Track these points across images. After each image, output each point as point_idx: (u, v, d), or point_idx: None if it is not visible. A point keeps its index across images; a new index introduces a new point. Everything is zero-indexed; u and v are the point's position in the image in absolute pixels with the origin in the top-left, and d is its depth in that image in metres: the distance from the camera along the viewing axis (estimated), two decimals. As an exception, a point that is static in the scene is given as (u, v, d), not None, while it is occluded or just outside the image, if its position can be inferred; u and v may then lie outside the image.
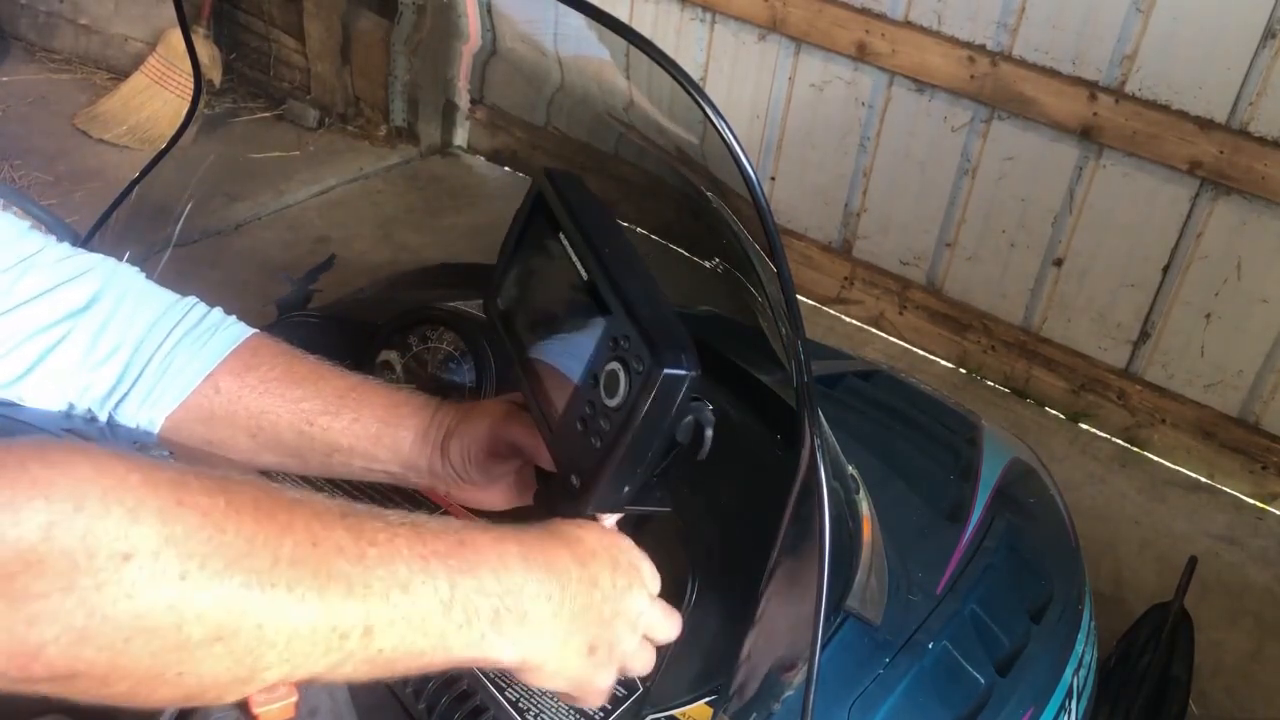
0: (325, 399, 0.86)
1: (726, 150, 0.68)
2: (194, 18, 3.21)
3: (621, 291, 0.70)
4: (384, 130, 3.68)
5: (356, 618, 0.58)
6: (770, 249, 0.73)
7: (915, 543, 1.12)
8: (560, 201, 0.78)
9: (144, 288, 0.87)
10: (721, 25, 3.00)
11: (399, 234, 3.25)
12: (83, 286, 0.82)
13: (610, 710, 0.87)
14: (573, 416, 0.73)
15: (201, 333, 0.86)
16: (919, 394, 1.49)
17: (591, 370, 0.72)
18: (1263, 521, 2.55)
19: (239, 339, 0.87)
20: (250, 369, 0.86)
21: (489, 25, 1.22)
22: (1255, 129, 2.31)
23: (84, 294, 0.82)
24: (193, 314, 0.87)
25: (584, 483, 0.72)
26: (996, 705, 1.00)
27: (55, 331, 0.80)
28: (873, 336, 3.04)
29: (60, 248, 0.83)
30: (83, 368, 0.82)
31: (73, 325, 0.81)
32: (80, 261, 0.83)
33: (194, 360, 0.85)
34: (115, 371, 0.83)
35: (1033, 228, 2.71)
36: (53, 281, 0.81)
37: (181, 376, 0.84)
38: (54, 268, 0.81)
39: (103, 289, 0.83)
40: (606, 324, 0.71)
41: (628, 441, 0.69)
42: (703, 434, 0.71)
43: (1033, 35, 2.51)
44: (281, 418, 0.85)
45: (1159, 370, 2.66)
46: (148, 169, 1.25)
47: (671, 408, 0.69)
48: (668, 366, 0.67)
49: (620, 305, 0.70)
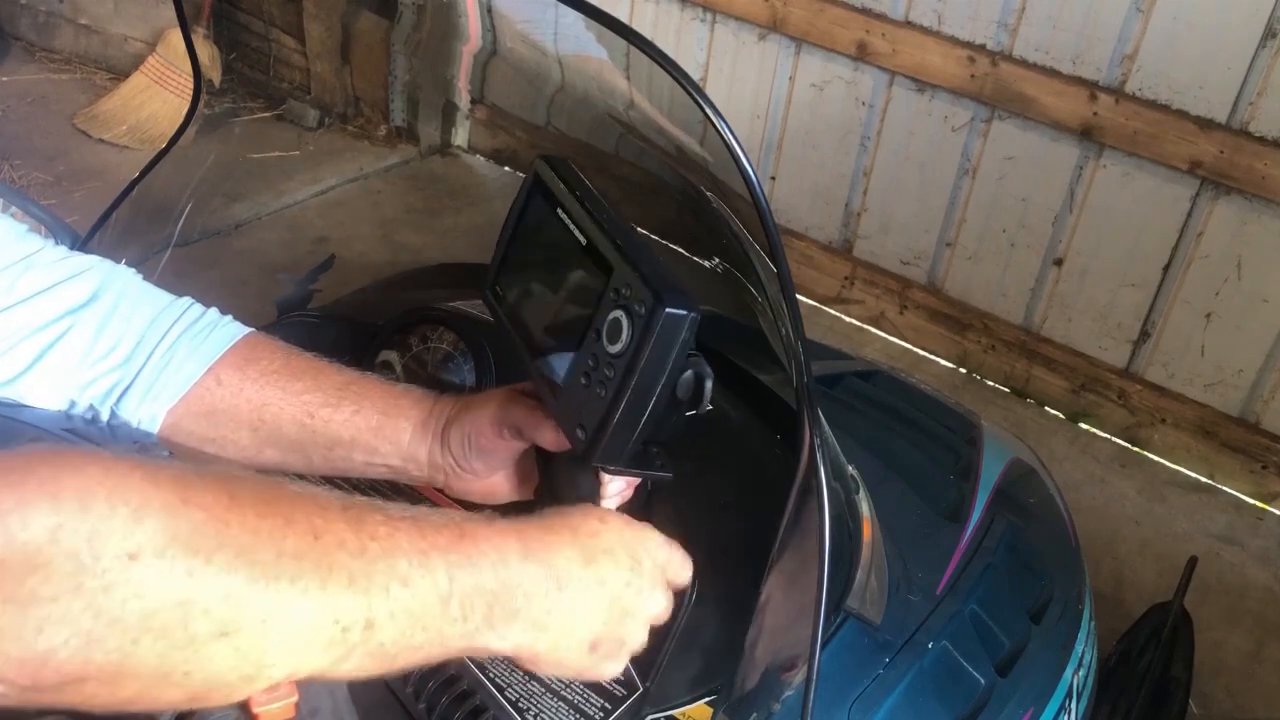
0: (325, 392, 0.86)
1: (726, 150, 0.68)
2: (194, 18, 3.21)
3: (622, 249, 0.73)
4: (384, 130, 3.68)
5: (358, 611, 0.59)
6: (770, 249, 0.73)
7: (915, 543, 1.11)
8: (558, 180, 0.80)
9: (142, 286, 0.88)
10: (722, 25, 3.00)
11: (399, 234, 3.25)
12: (82, 284, 0.83)
13: (610, 710, 0.87)
14: (576, 375, 0.75)
15: (201, 329, 0.87)
16: (919, 394, 1.49)
17: (594, 326, 0.73)
18: (1263, 521, 2.55)
19: (237, 335, 0.88)
20: (250, 363, 0.86)
21: (489, 25, 1.22)
22: (1255, 129, 2.31)
23: (84, 291, 0.83)
24: (191, 312, 0.88)
25: (590, 433, 0.73)
26: (996, 705, 1.00)
27: (55, 328, 0.81)
28: (873, 336, 3.04)
29: (58, 249, 0.84)
30: (84, 364, 0.83)
31: (73, 322, 0.82)
32: (79, 261, 0.84)
33: (195, 354, 0.85)
34: (116, 367, 0.84)
35: (1033, 227, 2.71)
36: (52, 280, 0.81)
37: (183, 370, 0.85)
38: (53, 267, 0.82)
39: (102, 286, 0.84)
40: (608, 280, 0.73)
41: (633, 384, 0.70)
42: (703, 387, 0.73)
43: (1033, 35, 2.51)
44: (284, 410, 0.86)
45: (1159, 370, 2.66)
46: (148, 169, 1.25)
47: (674, 348, 0.70)
48: (669, 306, 0.69)
49: (622, 260, 0.72)
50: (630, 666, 0.88)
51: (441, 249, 3.17)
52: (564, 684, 0.87)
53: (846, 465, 1.01)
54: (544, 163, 0.82)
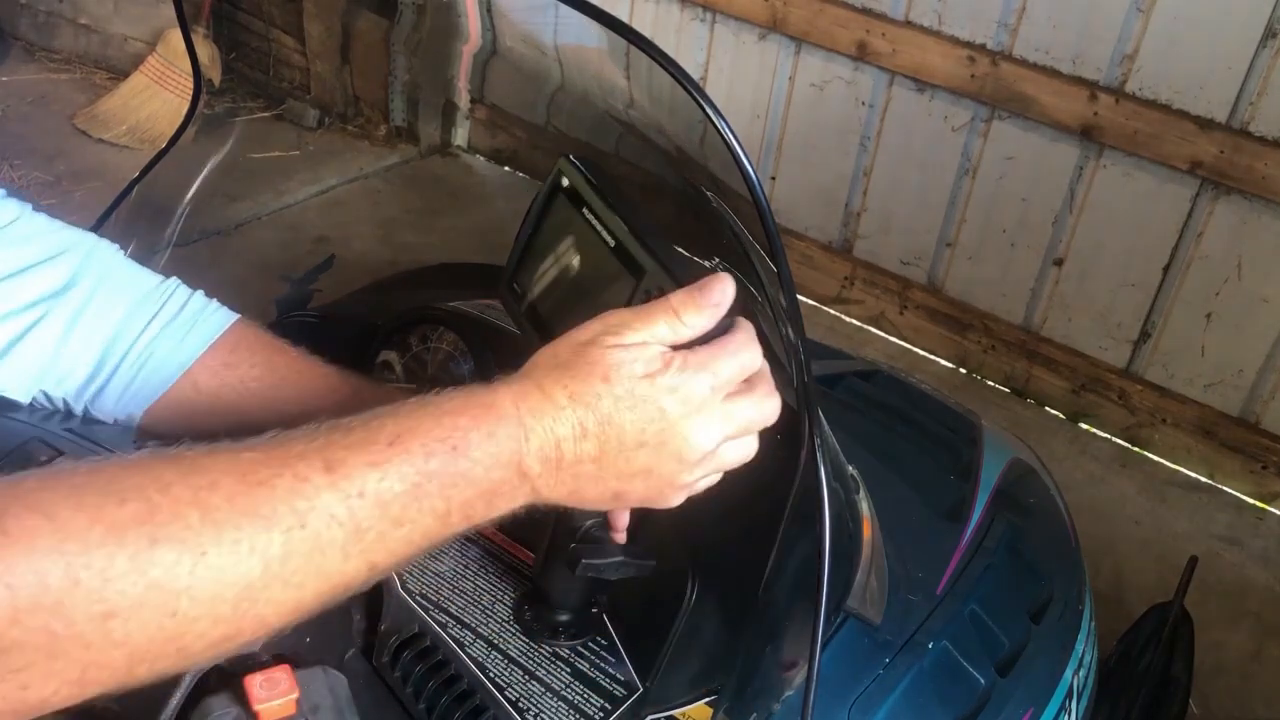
0: (304, 402, 0.84)
1: (726, 150, 0.68)
2: (194, 17, 3.21)
3: (653, 250, 0.73)
4: (384, 130, 3.68)
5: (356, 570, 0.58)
6: (770, 249, 0.73)
7: (915, 543, 1.11)
8: (583, 180, 0.81)
9: (123, 269, 0.84)
10: (722, 25, 3.00)
11: (399, 234, 3.25)
12: (60, 267, 0.80)
13: (610, 710, 0.87)
14: None
15: (181, 324, 0.84)
16: (919, 394, 1.49)
17: None
18: (1263, 521, 2.55)
19: (219, 330, 0.85)
20: (229, 368, 0.84)
21: (489, 25, 1.22)
22: (1255, 129, 2.31)
23: (61, 275, 0.80)
24: (173, 301, 0.85)
25: None
26: (996, 705, 1.00)
27: (30, 314, 0.78)
28: (873, 336, 3.04)
29: (36, 219, 0.80)
30: (58, 355, 0.80)
31: (48, 308, 0.79)
32: (58, 239, 0.81)
33: (174, 355, 0.83)
34: (91, 361, 0.81)
35: (1033, 227, 2.71)
36: (28, 260, 0.78)
37: (160, 373, 0.82)
38: (30, 243, 0.78)
39: (80, 270, 0.81)
40: (639, 281, 0.73)
41: None
42: None
43: (1033, 35, 2.51)
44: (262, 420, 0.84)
45: (1159, 370, 2.66)
46: (147, 169, 1.25)
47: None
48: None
49: (654, 261, 0.73)
50: (630, 666, 0.88)
51: (441, 249, 3.17)
52: (564, 684, 0.87)
53: (846, 465, 1.01)
54: (568, 162, 0.82)
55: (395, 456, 0.59)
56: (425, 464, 0.59)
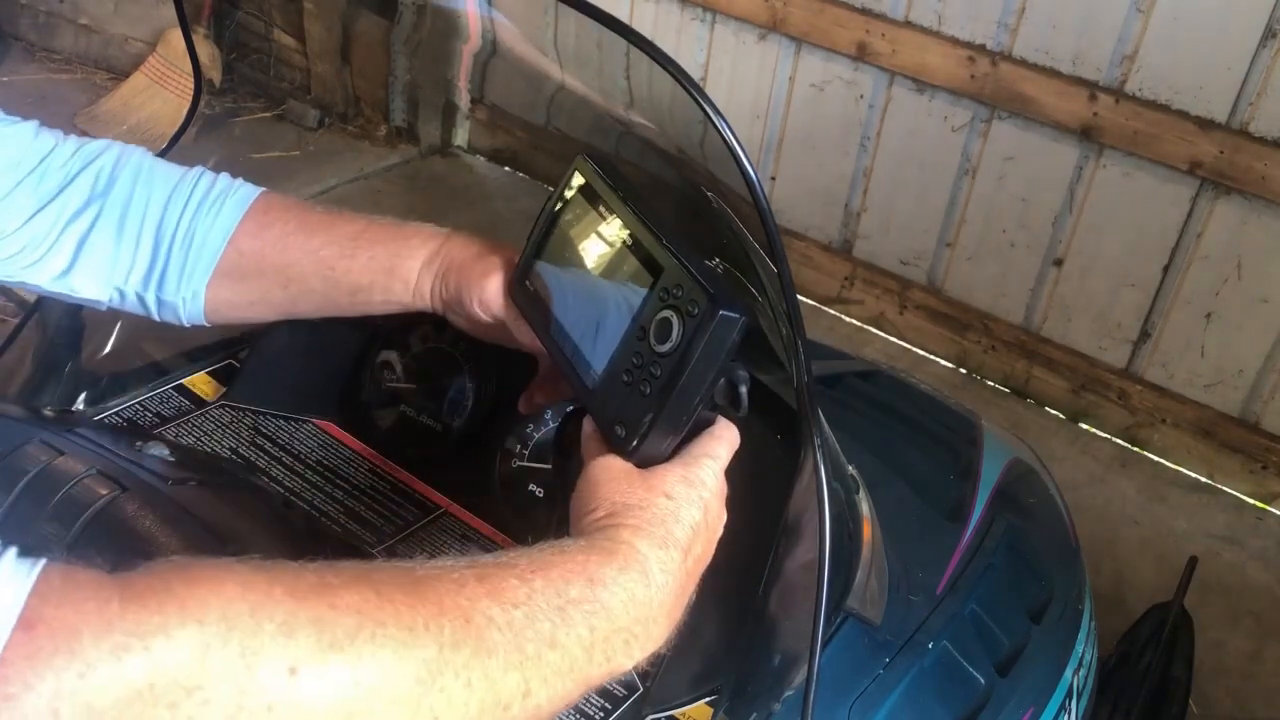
0: (341, 244, 0.90)
1: (726, 150, 0.68)
2: (194, 18, 3.21)
3: (671, 249, 0.74)
4: (384, 130, 3.68)
5: (516, 685, 0.59)
6: (770, 249, 0.73)
7: (915, 543, 1.11)
8: (599, 178, 0.81)
9: (154, 164, 0.92)
10: (722, 25, 3.00)
11: (399, 234, 3.25)
12: (98, 170, 0.88)
13: (610, 710, 0.87)
14: (616, 371, 0.75)
15: (215, 200, 0.90)
16: (919, 394, 1.49)
17: (639, 324, 0.74)
18: (1263, 521, 2.55)
19: (249, 200, 0.91)
20: (265, 228, 0.90)
21: (489, 25, 1.22)
22: (1255, 129, 2.31)
23: (102, 178, 0.88)
24: (203, 182, 0.91)
25: (631, 431, 0.73)
26: (996, 705, 1.00)
27: (86, 216, 0.87)
28: (873, 336, 3.04)
29: (69, 142, 0.89)
30: (119, 249, 0.88)
31: (100, 206, 0.87)
32: (91, 148, 0.90)
33: (215, 228, 0.89)
34: (148, 249, 0.88)
35: (1033, 228, 2.71)
36: (71, 172, 0.87)
37: (208, 246, 0.89)
38: (71, 160, 0.87)
39: (116, 170, 0.89)
40: (657, 280, 0.74)
41: (681, 383, 0.71)
42: (738, 393, 0.73)
43: (1033, 35, 2.51)
44: (307, 267, 0.90)
45: (1159, 370, 2.66)
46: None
47: (724, 350, 0.71)
48: (724, 308, 0.69)
49: (673, 259, 0.73)
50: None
51: (441, 249, 3.16)
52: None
53: (846, 465, 1.01)
54: (585, 160, 0.83)
55: (538, 579, 0.62)
56: (566, 589, 0.63)
